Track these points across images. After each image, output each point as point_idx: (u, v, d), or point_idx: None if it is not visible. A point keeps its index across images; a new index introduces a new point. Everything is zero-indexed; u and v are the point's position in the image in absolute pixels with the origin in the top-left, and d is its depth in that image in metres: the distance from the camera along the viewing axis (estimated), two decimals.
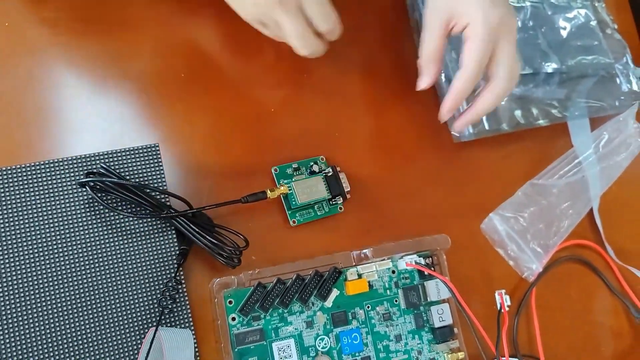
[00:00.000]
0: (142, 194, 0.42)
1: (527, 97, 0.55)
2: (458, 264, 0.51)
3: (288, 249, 0.48)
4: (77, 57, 0.49)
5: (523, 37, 0.55)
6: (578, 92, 0.56)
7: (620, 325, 0.55)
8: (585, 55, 0.56)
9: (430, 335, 0.49)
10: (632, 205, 0.58)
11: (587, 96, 0.57)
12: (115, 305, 0.42)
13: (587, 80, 0.57)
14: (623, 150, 0.57)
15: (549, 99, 0.55)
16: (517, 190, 0.54)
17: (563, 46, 0.56)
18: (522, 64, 0.53)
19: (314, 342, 0.46)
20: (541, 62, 0.55)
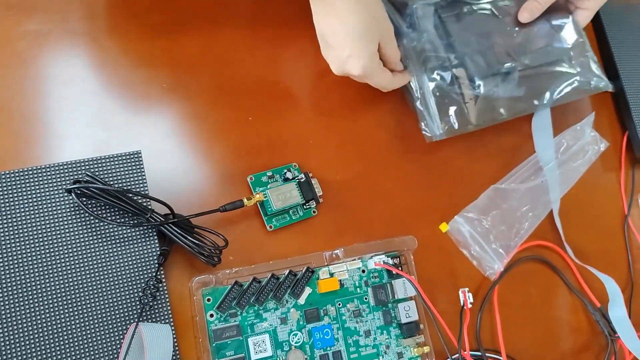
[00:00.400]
0: (126, 199, 0.45)
1: (490, 96, 0.56)
2: (424, 264, 0.53)
3: (264, 250, 0.51)
4: (64, 67, 0.51)
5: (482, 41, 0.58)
6: (538, 85, 0.58)
7: (578, 321, 0.58)
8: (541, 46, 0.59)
9: (398, 331, 0.51)
10: (589, 208, 0.61)
11: (548, 86, 0.58)
12: (99, 302, 0.45)
13: (545, 70, 0.59)
14: (581, 156, 0.60)
15: (511, 97, 0.57)
16: (481, 194, 0.57)
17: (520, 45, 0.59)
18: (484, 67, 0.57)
19: (288, 337, 0.49)
20: (499, 62, 0.57)
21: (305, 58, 0.57)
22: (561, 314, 0.58)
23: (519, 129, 0.61)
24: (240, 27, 0.45)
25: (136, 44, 0.53)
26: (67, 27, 0.53)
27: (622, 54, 0.64)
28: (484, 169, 0.59)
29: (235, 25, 0.55)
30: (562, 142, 0.61)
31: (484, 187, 0.58)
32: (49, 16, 0.52)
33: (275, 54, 0.56)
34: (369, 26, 0.49)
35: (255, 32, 0.56)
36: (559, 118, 0.61)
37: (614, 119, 0.65)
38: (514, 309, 0.56)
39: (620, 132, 0.64)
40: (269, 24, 0.57)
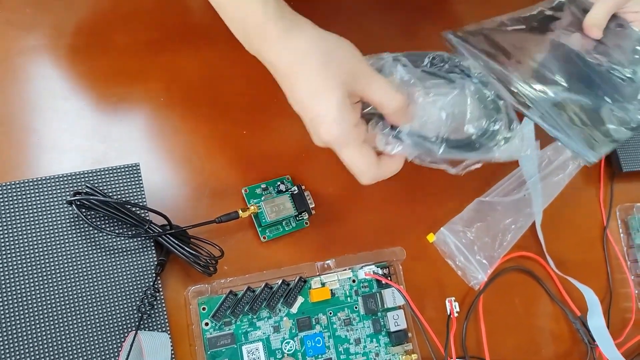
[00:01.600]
0: (125, 210, 0.46)
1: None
2: (412, 274, 0.55)
3: (258, 260, 0.52)
4: (63, 82, 0.53)
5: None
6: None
7: (559, 329, 0.60)
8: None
9: (387, 339, 0.53)
10: (570, 221, 0.64)
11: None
12: (98, 311, 0.46)
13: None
14: (562, 171, 0.63)
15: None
16: (466, 206, 0.59)
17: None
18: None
19: (281, 345, 0.50)
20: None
21: None
22: (543, 323, 0.60)
23: None
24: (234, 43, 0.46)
25: (133, 60, 0.55)
26: (65, 43, 0.54)
27: None
28: (469, 183, 0.61)
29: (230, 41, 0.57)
30: (544, 157, 0.63)
31: (469, 200, 0.60)
32: (46, 32, 0.54)
33: None
34: (330, 61, 0.41)
35: None
36: (541, 134, 0.63)
37: None
38: (498, 317, 0.58)
39: None
40: None
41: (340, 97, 0.40)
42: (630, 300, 0.62)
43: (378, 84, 0.42)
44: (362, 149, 0.43)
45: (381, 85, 0.42)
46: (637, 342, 0.61)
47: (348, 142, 0.42)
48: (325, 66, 0.40)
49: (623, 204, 0.65)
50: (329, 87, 0.40)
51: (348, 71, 0.41)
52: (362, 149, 0.42)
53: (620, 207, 0.65)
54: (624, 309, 0.62)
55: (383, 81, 0.43)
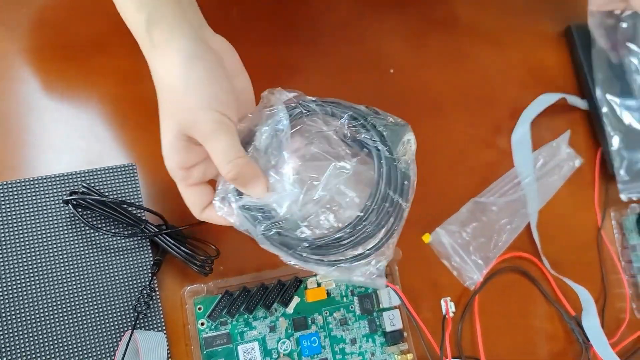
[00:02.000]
0: (121, 210, 0.46)
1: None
2: (408, 274, 0.55)
3: (254, 260, 0.52)
4: (59, 82, 0.53)
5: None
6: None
7: (554, 329, 0.60)
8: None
9: (383, 339, 0.53)
10: (565, 221, 0.64)
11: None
12: (94, 310, 0.46)
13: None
14: (557, 172, 0.63)
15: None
16: (462, 207, 0.60)
17: None
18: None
19: (277, 345, 0.50)
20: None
21: (295, 76, 0.59)
22: (538, 323, 0.60)
23: (499, 145, 0.64)
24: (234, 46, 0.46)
25: (128, 61, 0.55)
26: (62, 43, 0.54)
27: (595, 73, 0.67)
28: (464, 183, 0.61)
29: None
30: (539, 158, 0.63)
31: (465, 201, 0.60)
32: (43, 32, 0.54)
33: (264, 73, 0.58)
34: (172, 101, 0.39)
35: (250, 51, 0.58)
36: (536, 135, 0.64)
37: (589, 136, 0.67)
38: (493, 317, 0.58)
39: (594, 148, 0.67)
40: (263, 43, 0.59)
41: (171, 138, 0.39)
42: (625, 301, 0.62)
43: (213, 144, 0.38)
44: (187, 191, 0.41)
45: (216, 147, 0.38)
46: (631, 341, 0.61)
47: (176, 179, 0.41)
48: (166, 105, 0.39)
49: (617, 205, 0.66)
50: (165, 125, 0.39)
51: (187, 118, 0.38)
52: (186, 190, 0.42)
53: (614, 208, 0.66)
54: (618, 309, 0.62)
55: (220, 143, 0.38)
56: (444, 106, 0.63)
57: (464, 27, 0.67)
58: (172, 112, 0.39)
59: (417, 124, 0.49)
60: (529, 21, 0.69)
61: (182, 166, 0.40)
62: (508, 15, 0.69)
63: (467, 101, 0.64)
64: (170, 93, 0.39)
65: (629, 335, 0.61)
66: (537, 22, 0.70)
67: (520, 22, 0.69)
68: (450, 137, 0.62)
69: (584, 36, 0.68)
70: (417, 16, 0.66)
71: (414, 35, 0.65)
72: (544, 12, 0.70)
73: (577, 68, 0.69)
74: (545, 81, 0.68)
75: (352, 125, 0.42)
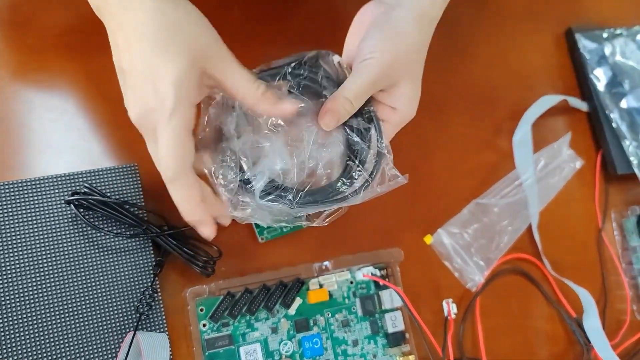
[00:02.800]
0: (123, 210, 0.46)
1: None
2: (410, 275, 0.55)
3: (255, 261, 0.52)
4: (60, 80, 0.53)
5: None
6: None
7: (555, 331, 0.60)
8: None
9: (384, 340, 0.53)
10: (566, 223, 0.64)
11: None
12: (96, 311, 0.46)
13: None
14: (558, 173, 0.63)
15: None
16: (463, 208, 0.60)
17: None
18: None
19: (278, 346, 0.50)
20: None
21: None
22: (539, 324, 0.60)
23: (500, 147, 0.64)
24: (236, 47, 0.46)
25: None
26: (63, 42, 0.54)
27: (596, 75, 0.68)
28: (466, 184, 0.61)
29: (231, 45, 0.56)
30: (540, 159, 0.63)
31: (466, 202, 0.60)
32: (45, 30, 0.54)
33: None
34: (171, 32, 0.35)
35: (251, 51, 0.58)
36: (537, 137, 0.64)
37: (589, 138, 0.67)
38: (494, 319, 0.58)
39: (595, 150, 0.67)
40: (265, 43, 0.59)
41: (182, 71, 0.35)
42: (625, 302, 0.62)
43: (237, 74, 0.38)
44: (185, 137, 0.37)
45: (241, 76, 0.38)
46: (632, 343, 0.61)
47: (182, 137, 0.37)
48: (163, 43, 0.35)
49: (618, 207, 0.66)
50: (168, 61, 0.35)
51: (198, 48, 0.36)
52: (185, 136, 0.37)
53: (615, 209, 0.66)
54: (619, 310, 0.62)
55: (243, 72, 0.38)
56: (445, 107, 0.63)
57: (465, 29, 0.67)
58: (179, 46, 0.35)
59: (418, 125, 0.49)
60: (530, 23, 0.69)
61: (195, 103, 0.37)
62: (509, 17, 0.69)
63: (468, 102, 0.64)
64: (171, 30, 0.35)
65: (630, 337, 0.61)
66: (538, 24, 0.70)
67: (521, 23, 0.69)
68: (452, 139, 0.62)
69: (584, 38, 0.69)
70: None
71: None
72: (545, 14, 0.70)
73: (578, 70, 0.69)
74: (546, 83, 0.68)
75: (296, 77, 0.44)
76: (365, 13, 0.45)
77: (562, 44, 0.70)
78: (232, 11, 0.59)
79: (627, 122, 0.66)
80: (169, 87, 0.35)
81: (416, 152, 0.61)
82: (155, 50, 0.35)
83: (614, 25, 0.71)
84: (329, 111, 0.42)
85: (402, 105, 0.44)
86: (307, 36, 0.60)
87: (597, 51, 0.69)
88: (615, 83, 0.68)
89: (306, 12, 0.61)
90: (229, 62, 0.38)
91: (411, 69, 0.43)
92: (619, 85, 0.68)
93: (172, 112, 0.36)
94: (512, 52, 0.68)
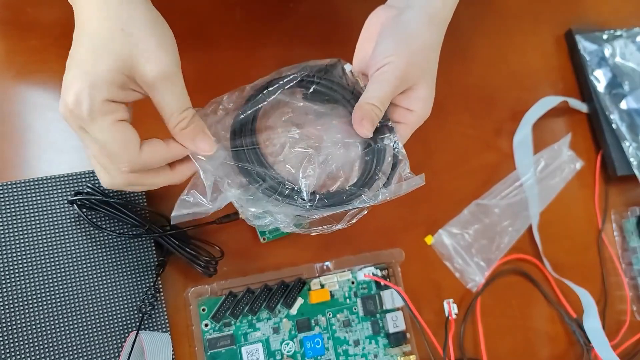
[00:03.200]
0: (126, 210, 0.46)
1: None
2: (411, 275, 0.55)
3: (257, 261, 0.52)
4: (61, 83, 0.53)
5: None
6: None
7: (555, 331, 0.60)
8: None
9: (386, 340, 0.53)
10: (566, 224, 0.64)
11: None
12: (99, 310, 0.46)
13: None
14: (558, 174, 0.64)
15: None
16: (464, 209, 0.60)
17: None
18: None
19: (280, 346, 0.50)
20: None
21: None
22: (539, 324, 0.60)
23: (500, 147, 0.64)
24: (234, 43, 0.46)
25: None
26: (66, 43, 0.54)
27: (596, 76, 0.68)
28: (466, 185, 0.62)
29: (229, 41, 0.57)
30: (540, 160, 0.64)
31: (467, 203, 0.60)
32: (48, 30, 0.54)
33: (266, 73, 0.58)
34: (108, 40, 0.34)
35: (253, 52, 0.58)
36: (537, 138, 0.64)
37: (589, 139, 0.68)
38: (495, 319, 0.58)
39: (595, 151, 0.67)
40: (267, 43, 0.59)
41: (104, 70, 0.34)
42: (625, 303, 0.63)
43: (164, 90, 0.36)
44: (115, 127, 0.35)
45: (168, 93, 0.36)
46: (632, 343, 0.61)
47: (96, 116, 0.34)
48: (103, 42, 0.34)
49: (618, 208, 0.66)
50: (97, 58, 0.34)
51: (135, 57, 0.34)
52: (113, 126, 0.35)
53: (615, 210, 0.66)
54: (618, 311, 0.63)
55: (173, 89, 0.36)
56: (446, 108, 0.63)
57: (466, 30, 0.67)
58: (113, 48, 0.34)
59: (419, 126, 0.49)
60: (530, 24, 0.70)
61: (109, 99, 0.34)
62: (510, 18, 0.69)
63: (469, 103, 0.64)
64: (113, 31, 0.34)
65: (630, 337, 0.61)
66: (539, 25, 0.70)
67: (521, 24, 0.69)
68: (452, 139, 0.63)
69: (585, 39, 0.69)
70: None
71: None
72: (545, 15, 0.71)
73: (578, 71, 0.69)
74: (546, 84, 0.68)
75: (303, 87, 0.44)
76: (376, 17, 0.45)
77: (562, 45, 0.70)
78: (233, 11, 0.59)
79: (626, 123, 0.67)
80: (90, 81, 0.34)
81: (417, 152, 0.60)
82: (88, 49, 0.35)
83: (613, 26, 0.71)
84: (364, 118, 0.42)
85: (418, 107, 0.45)
86: (309, 36, 0.61)
87: (597, 52, 0.69)
88: (615, 84, 0.68)
89: (307, 12, 0.61)
90: (164, 81, 0.35)
91: (426, 70, 0.44)
92: (619, 86, 0.68)
93: (92, 105, 0.34)
94: (512, 53, 0.68)
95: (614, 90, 0.68)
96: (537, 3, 0.71)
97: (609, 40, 0.70)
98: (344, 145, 0.44)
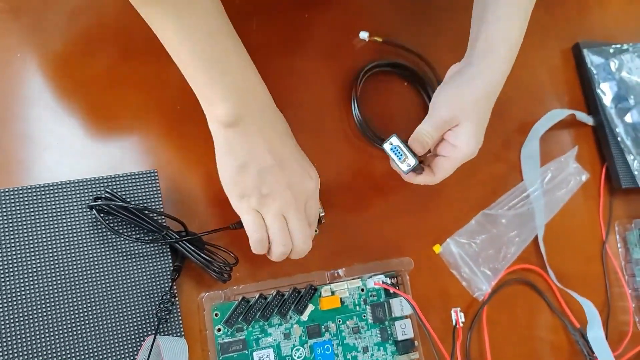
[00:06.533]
0: (143, 216, 0.47)
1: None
2: (419, 284, 0.56)
3: (270, 267, 0.53)
4: (83, 88, 0.53)
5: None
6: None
7: (560, 340, 0.61)
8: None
9: (394, 347, 0.54)
10: (571, 235, 0.65)
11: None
12: (115, 314, 0.46)
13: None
14: (564, 186, 0.65)
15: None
16: (472, 219, 0.61)
17: None
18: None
19: (291, 352, 0.51)
20: None
21: (312, 87, 0.60)
22: (544, 334, 0.61)
23: (508, 159, 0.65)
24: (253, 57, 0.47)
25: (152, 68, 0.55)
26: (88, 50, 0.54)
27: (602, 89, 0.69)
28: (474, 195, 0.62)
29: None
30: (547, 172, 0.65)
31: (474, 212, 0.61)
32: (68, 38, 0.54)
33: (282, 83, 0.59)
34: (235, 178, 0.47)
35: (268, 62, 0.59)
36: (544, 150, 0.65)
37: (595, 151, 0.69)
38: (500, 328, 0.59)
39: (600, 164, 0.68)
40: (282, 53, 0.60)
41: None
42: (628, 314, 0.64)
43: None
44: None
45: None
46: (635, 354, 0.62)
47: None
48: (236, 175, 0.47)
49: (621, 220, 0.67)
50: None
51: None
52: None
53: (618, 222, 0.67)
54: (622, 321, 0.64)
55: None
56: None
57: None
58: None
59: None
60: (538, 38, 0.71)
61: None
62: None
63: None
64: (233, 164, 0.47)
65: (633, 348, 0.62)
66: (546, 39, 0.71)
67: (529, 38, 0.69)
68: None
69: (592, 53, 0.70)
70: (428, 29, 0.67)
71: (426, 50, 0.66)
72: (553, 29, 0.72)
73: (585, 84, 0.70)
74: (553, 97, 0.69)
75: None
76: (451, 70, 0.55)
77: (569, 59, 0.72)
78: (250, 22, 0.60)
79: (631, 137, 0.68)
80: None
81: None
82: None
83: (620, 40, 0.72)
84: (415, 141, 0.50)
85: (462, 143, 0.51)
86: (324, 47, 0.62)
87: (604, 66, 0.70)
88: (620, 98, 0.69)
89: (322, 23, 0.62)
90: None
91: (474, 113, 0.51)
92: (625, 100, 0.69)
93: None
94: (520, 67, 0.68)
95: (619, 104, 0.69)
96: (545, 17, 0.72)
97: (616, 54, 0.71)
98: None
